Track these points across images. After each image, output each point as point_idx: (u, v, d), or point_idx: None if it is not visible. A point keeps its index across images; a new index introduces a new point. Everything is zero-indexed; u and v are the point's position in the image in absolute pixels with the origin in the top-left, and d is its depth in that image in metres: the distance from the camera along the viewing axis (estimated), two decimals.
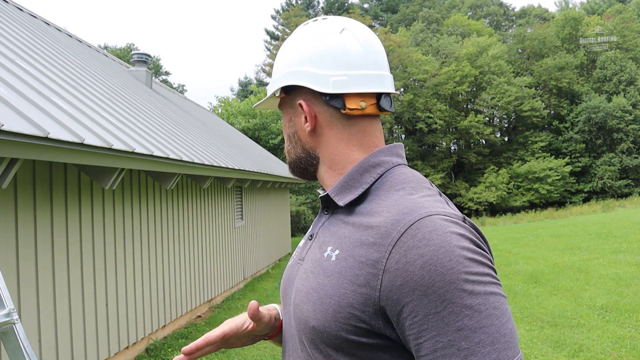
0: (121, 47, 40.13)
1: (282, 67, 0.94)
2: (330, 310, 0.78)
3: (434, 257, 0.71)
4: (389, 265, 0.73)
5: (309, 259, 0.90)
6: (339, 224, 0.87)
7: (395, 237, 0.74)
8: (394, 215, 0.77)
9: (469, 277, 0.70)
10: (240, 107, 20.05)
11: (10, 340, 1.00)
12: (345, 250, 0.81)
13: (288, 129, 0.97)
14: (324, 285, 0.81)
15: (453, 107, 34.96)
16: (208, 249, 7.18)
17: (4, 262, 3.17)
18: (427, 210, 0.76)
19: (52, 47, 5.81)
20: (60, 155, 2.99)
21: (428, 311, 0.70)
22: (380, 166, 0.88)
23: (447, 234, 0.73)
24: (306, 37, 0.92)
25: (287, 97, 0.95)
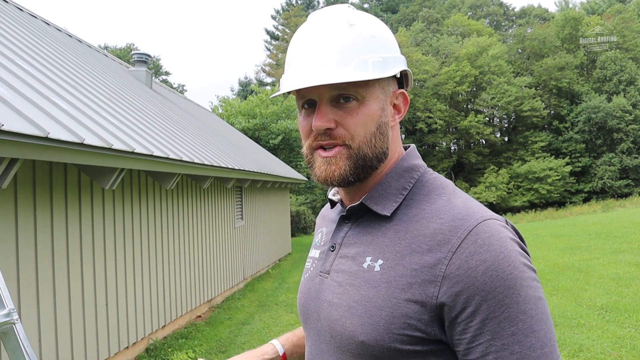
0: (121, 47, 40.12)
1: (390, 46, 0.84)
2: (381, 322, 0.75)
3: (496, 262, 0.71)
4: (449, 271, 0.72)
5: (339, 271, 0.85)
6: (374, 233, 0.82)
7: (456, 243, 0.73)
8: (449, 222, 0.76)
9: (524, 282, 0.72)
10: (240, 107, 20.05)
11: (10, 340, 1.00)
12: (390, 259, 0.78)
13: (380, 118, 0.82)
14: (371, 297, 0.77)
15: (453, 107, 34.96)
16: (208, 249, 7.18)
17: (4, 262, 3.17)
18: (480, 215, 0.76)
19: (52, 47, 5.81)
20: (60, 155, 2.98)
21: (486, 316, 0.70)
22: (415, 170, 0.86)
23: (504, 238, 0.74)
24: (380, 24, 0.85)
25: (380, 81, 0.83)
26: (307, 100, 0.83)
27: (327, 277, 0.87)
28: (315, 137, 0.82)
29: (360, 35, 0.80)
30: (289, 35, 43.45)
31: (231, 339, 5.58)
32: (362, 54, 0.79)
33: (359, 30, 0.80)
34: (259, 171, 8.50)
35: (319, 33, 0.81)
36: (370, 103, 0.81)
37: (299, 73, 0.80)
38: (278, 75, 40.57)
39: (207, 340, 5.57)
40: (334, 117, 0.80)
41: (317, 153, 0.83)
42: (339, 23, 0.80)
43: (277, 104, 19.85)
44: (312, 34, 0.81)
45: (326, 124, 0.79)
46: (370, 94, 0.81)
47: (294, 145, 19.44)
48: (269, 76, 44.60)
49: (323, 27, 0.81)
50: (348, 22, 0.80)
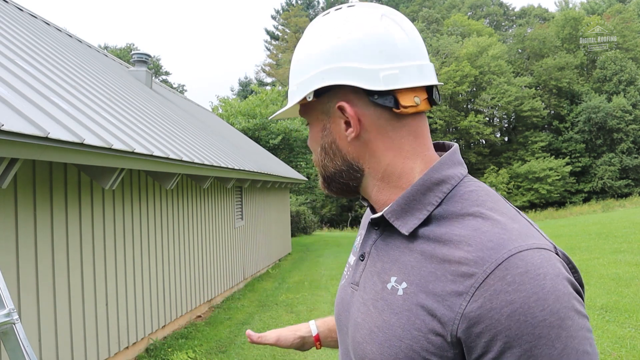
0: (121, 47, 40.13)
1: (310, 65, 0.78)
2: (401, 354, 0.69)
3: (525, 305, 0.61)
4: (469, 309, 0.63)
5: (366, 287, 0.79)
6: (401, 249, 0.75)
7: (480, 278, 0.64)
8: (476, 251, 0.66)
9: (564, 331, 0.61)
10: (240, 107, 20.06)
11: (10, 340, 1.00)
12: (414, 284, 0.70)
13: (322, 139, 0.81)
14: (392, 324, 0.71)
15: (453, 107, 34.98)
16: (208, 249, 7.18)
17: (4, 262, 3.17)
18: (516, 244, 0.65)
19: (52, 47, 5.81)
20: (60, 155, 2.98)
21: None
22: (446, 183, 0.75)
23: (541, 276, 0.62)
24: (339, 27, 0.76)
25: (316, 102, 0.79)
26: None
27: (356, 289, 0.83)
28: None
29: (296, 58, 0.83)
30: (289, 35, 43.50)
31: (231, 339, 5.58)
32: (292, 82, 0.82)
33: (299, 50, 0.82)
34: (259, 171, 8.50)
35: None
36: (313, 126, 0.82)
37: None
38: (278, 75, 40.59)
39: (207, 340, 5.57)
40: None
41: None
42: (298, 47, 0.84)
43: (277, 104, 19.86)
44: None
45: (309, 144, 0.86)
46: (312, 118, 0.82)
47: (294, 145, 19.45)
48: (269, 76, 44.61)
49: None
50: (301, 43, 0.83)
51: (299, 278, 9.44)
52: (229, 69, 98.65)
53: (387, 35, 0.74)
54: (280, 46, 45.68)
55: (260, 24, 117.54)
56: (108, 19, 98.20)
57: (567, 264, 0.68)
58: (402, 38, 0.75)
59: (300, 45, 0.82)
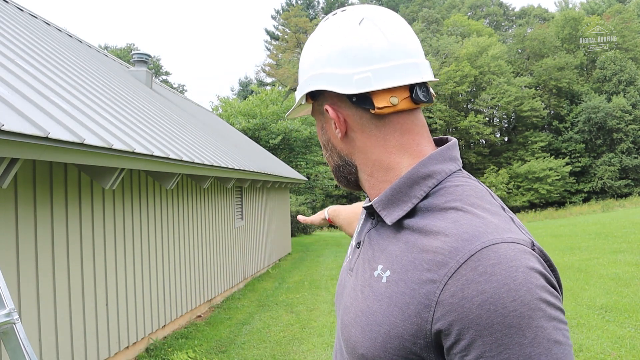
0: (121, 47, 40.14)
1: (304, 71, 0.86)
2: (379, 339, 0.72)
3: (496, 295, 0.62)
4: (442, 298, 0.65)
5: (358, 273, 0.83)
6: (389, 239, 0.79)
7: (453, 267, 0.66)
8: (452, 241, 0.68)
9: (534, 321, 0.62)
10: (240, 107, 20.05)
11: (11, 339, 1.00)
12: (396, 272, 0.73)
13: (322, 137, 0.90)
14: (374, 310, 0.74)
15: (453, 107, 34.98)
16: (208, 249, 7.18)
17: (4, 261, 3.17)
18: (490, 237, 0.67)
19: (52, 47, 5.81)
20: (60, 155, 2.99)
21: (480, 353, 0.62)
22: (432, 177, 0.78)
23: (512, 268, 0.64)
24: (325, 34, 0.82)
25: (315, 103, 0.87)
26: None
27: (351, 275, 0.86)
28: None
29: (301, 59, 0.89)
30: (289, 36, 43.49)
31: (231, 339, 5.58)
32: (299, 81, 0.88)
33: (303, 51, 0.89)
34: (259, 171, 8.50)
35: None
36: (317, 125, 0.91)
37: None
38: (278, 75, 40.58)
39: (207, 340, 5.57)
40: None
41: None
42: (309, 43, 0.89)
43: (277, 104, 19.86)
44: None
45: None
46: (315, 117, 0.90)
47: (294, 145, 19.46)
48: (269, 76, 44.60)
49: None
50: (317, 40, 0.86)
51: (299, 278, 9.44)
52: (229, 69, 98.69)
53: (362, 39, 0.77)
54: (280, 46, 45.67)
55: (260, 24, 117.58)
56: (108, 19, 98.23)
57: (545, 261, 0.69)
58: (378, 41, 0.77)
59: (304, 49, 0.90)
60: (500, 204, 0.77)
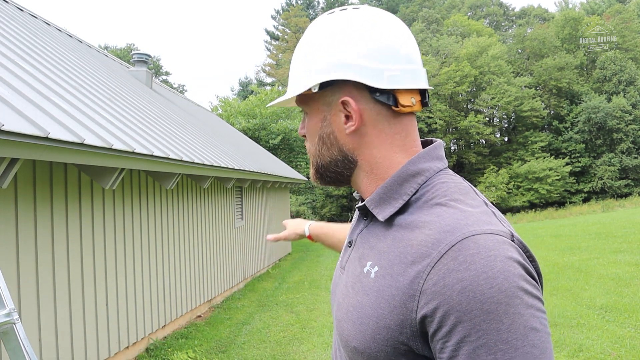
0: (121, 47, 40.14)
1: (318, 58, 0.83)
2: (369, 331, 0.75)
3: (474, 283, 0.65)
4: (425, 287, 0.69)
5: (349, 270, 0.86)
6: (378, 237, 0.82)
7: (435, 257, 0.69)
8: (435, 234, 0.71)
9: (511, 308, 0.64)
10: (240, 107, 20.05)
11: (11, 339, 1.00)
12: (383, 267, 0.76)
13: (321, 129, 0.86)
14: (363, 304, 0.77)
15: (453, 107, 34.98)
16: (208, 249, 7.18)
17: (4, 262, 3.17)
18: (471, 228, 0.70)
19: (52, 47, 5.81)
20: (60, 155, 2.99)
21: (460, 338, 0.65)
22: (421, 175, 0.81)
23: (491, 257, 0.67)
24: (349, 26, 0.82)
25: (318, 94, 0.84)
26: None
27: (343, 273, 0.90)
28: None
29: (301, 51, 0.86)
30: (289, 36, 43.48)
31: (231, 339, 5.58)
32: (298, 71, 0.86)
33: (304, 44, 0.86)
34: (259, 171, 8.50)
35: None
36: (312, 116, 0.87)
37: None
38: (278, 75, 40.56)
39: (207, 340, 5.57)
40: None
41: None
42: (300, 40, 0.88)
43: None
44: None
45: (300, 132, 0.92)
46: (312, 108, 0.87)
47: (294, 145, 19.45)
48: (269, 76, 44.59)
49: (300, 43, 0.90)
50: (303, 38, 0.87)
51: (299, 278, 9.44)
52: (229, 69, 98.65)
53: (392, 38, 0.81)
54: (280, 46, 45.66)
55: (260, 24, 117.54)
56: (108, 19, 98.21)
57: (524, 252, 0.72)
58: (404, 43, 0.82)
59: (309, 37, 0.86)
60: (483, 199, 0.80)
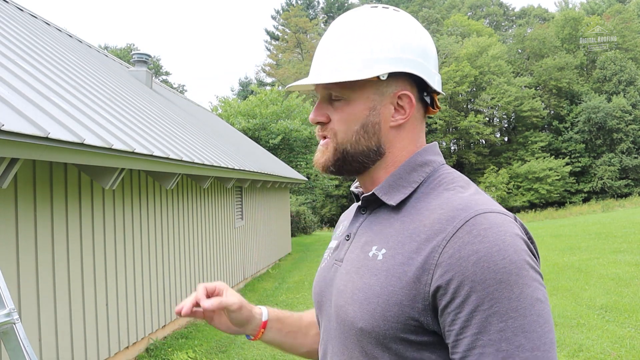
0: (121, 47, 40.15)
1: (387, 49, 0.83)
2: (378, 309, 0.76)
3: (488, 254, 0.70)
4: (441, 260, 0.72)
5: (349, 259, 0.88)
6: (384, 224, 0.85)
7: (451, 232, 0.73)
8: (448, 212, 0.76)
9: (520, 279, 0.69)
10: (240, 107, 20.05)
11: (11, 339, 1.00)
12: (392, 248, 0.80)
13: (367, 117, 0.85)
14: (371, 285, 0.79)
15: (453, 107, 34.97)
16: (208, 249, 7.18)
17: (4, 262, 3.17)
18: (482, 207, 0.75)
19: (52, 47, 5.81)
20: (60, 155, 2.99)
21: (474, 307, 0.69)
22: (428, 165, 0.87)
23: (502, 232, 0.72)
24: (407, 25, 0.86)
25: (371, 82, 0.84)
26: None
27: (340, 265, 0.90)
28: (318, 130, 0.91)
29: (356, 37, 0.84)
30: (289, 36, 43.48)
31: (231, 339, 5.58)
32: (349, 56, 0.83)
33: (358, 32, 0.85)
34: (259, 171, 8.50)
35: (329, 35, 0.88)
36: (356, 103, 0.85)
37: (310, 72, 0.89)
38: (278, 75, 40.56)
39: (207, 340, 5.57)
40: (327, 112, 0.88)
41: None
42: (350, 25, 0.86)
43: (276, 104, 19.86)
44: (326, 35, 0.90)
45: (317, 118, 0.89)
46: (358, 95, 0.85)
47: (294, 145, 19.44)
48: (269, 76, 44.60)
49: (335, 28, 0.88)
50: (352, 24, 0.86)
51: (299, 278, 9.44)
52: (229, 69, 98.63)
53: (433, 46, 0.91)
54: (280, 46, 45.66)
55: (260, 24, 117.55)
56: (108, 19, 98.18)
57: (526, 233, 0.79)
58: (435, 51, 0.91)
59: (366, 25, 0.85)
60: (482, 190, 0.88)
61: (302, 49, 42.99)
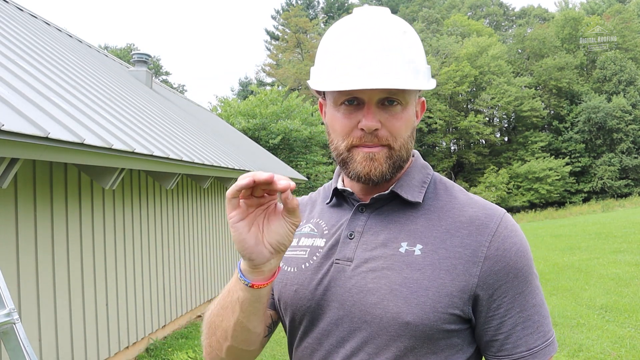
0: (121, 47, 40.14)
1: (423, 60, 0.88)
2: (428, 302, 0.80)
3: (522, 245, 0.85)
4: (489, 253, 0.82)
5: (369, 258, 0.85)
6: (401, 221, 0.88)
7: (494, 228, 0.84)
8: (482, 210, 0.87)
9: (533, 262, 0.87)
10: (240, 107, 20.03)
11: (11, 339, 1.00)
12: (430, 243, 0.84)
13: (414, 122, 0.90)
14: (416, 279, 0.82)
15: (453, 107, 34.96)
16: (208, 249, 7.18)
17: (4, 262, 3.17)
18: (500, 208, 0.89)
19: (52, 47, 5.81)
20: (60, 155, 2.98)
21: (516, 291, 0.83)
22: (428, 167, 0.97)
23: (519, 227, 0.88)
24: (413, 32, 0.89)
25: (414, 91, 0.88)
26: (351, 99, 0.84)
27: (349, 264, 0.87)
28: (361, 138, 0.84)
29: (412, 44, 0.86)
30: (289, 36, 43.44)
31: None
32: (414, 62, 0.84)
33: (410, 38, 0.86)
34: None
35: (377, 34, 0.82)
36: (410, 108, 0.87)
37: (361, 73, 0.80)
38: (278, 75, 40.53)
39: None
40: (379, 118, 0.84)
41: (357, 149, 0.85)
42: (394, 28, 0.84)
43: (276, 104, 19.85)
44: (369, 34, 0.82)
45: (376, 124, 0.83)
46: (410, 100, 0.87)
47: (294, 145, 19.44)
48: (269, 76, 44.57)
49: (381, 29, 0.83)
50: (401, 29, 0.85)
51: None
52: (229, 69, 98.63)
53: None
54: (280, 46, 45.64)
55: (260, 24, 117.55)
56: (108, 19, 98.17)
57: None
58: None
59: (410, 32, 0.87)
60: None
61: (302, 49, 42.97)
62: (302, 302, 0.89)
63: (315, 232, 0.96)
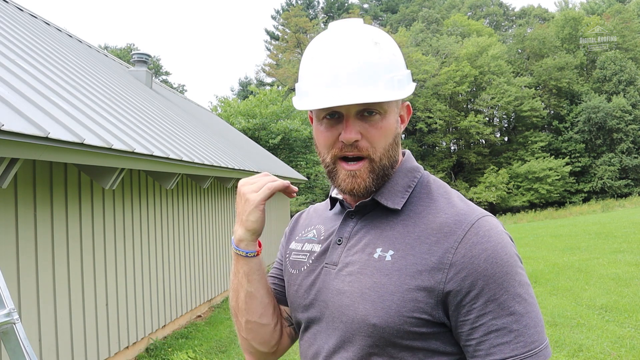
0: (121, 47, 40.14)
1: (404, 63, 0.91)
2: (393, 306, 0.82)
3: (495, 251, 0.82)
4: (455, 259, 0.82)
5: (349, 262, 0.91)
6: (382, 227, 0.90)
7: (461, 234, 0.83)
8: (453, 216, 0.86)
9: (518, 270, 0.83)
10: (240, 107, 20.04)
11: (11, 340, 1.00)
12: (401, 250, 0.86)
13: (396, 129, 0.91)
14: (384, 283, 0.84)
15: (453, 107, 34.95)
16: (208, 249, 7.18)
17: (4, 262, 3.17)
18: (478, 212, 0.87)
19: (52, 47, 5.81)
20: (60, 155, 2.99)
21: (488, 298, 0.80)
22: (416, 171, 0.96)
23: (500, 232, 0.85)
24: (392, 41, 0.92)
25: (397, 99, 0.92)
26: (331, 113, 0.88)
27: (334, 268, 0.93)
28: (341, 148, 0.88)
29: (385, 54, 0.87)
30: (289, 36, 43.43)
31: (231, 339, 5.58)
32: (389, 73, 0.86)
33: (383, 48, 0.87)
34: (259, 171, 8.50)
35: (347, 50, 0.85)
36: (389, 117, 0.89)
37: (334, 89, 0.83)
38: (278, 75, 40.54)
39: (207, 340, 5.57)
40: (359, 130, 0.86)
41: (340, 165, 0.90)
42: (365, 41, 0.86)
43: (276, 104, 19.85)
44: (340, 50, 0.85)
45: (354, 137, 0.86)
46: (390, 108, 0.89)
47: (294, 145, 19.45)
48: (269, 76, 44.58)
49: (351, 43, 0.85)
50: (373, 40, 0.87)
51: None
52: (229, 69, 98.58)
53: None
54: (280, 46, 45.63)
55: (260, 24, 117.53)
56: (108, 19, 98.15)
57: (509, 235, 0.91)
58: None
59: (391, 44, 0.90)
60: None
61: (302, 49, 42.95)
62: (300, 300, 0.99)
63: (315, 237, 1.04)
